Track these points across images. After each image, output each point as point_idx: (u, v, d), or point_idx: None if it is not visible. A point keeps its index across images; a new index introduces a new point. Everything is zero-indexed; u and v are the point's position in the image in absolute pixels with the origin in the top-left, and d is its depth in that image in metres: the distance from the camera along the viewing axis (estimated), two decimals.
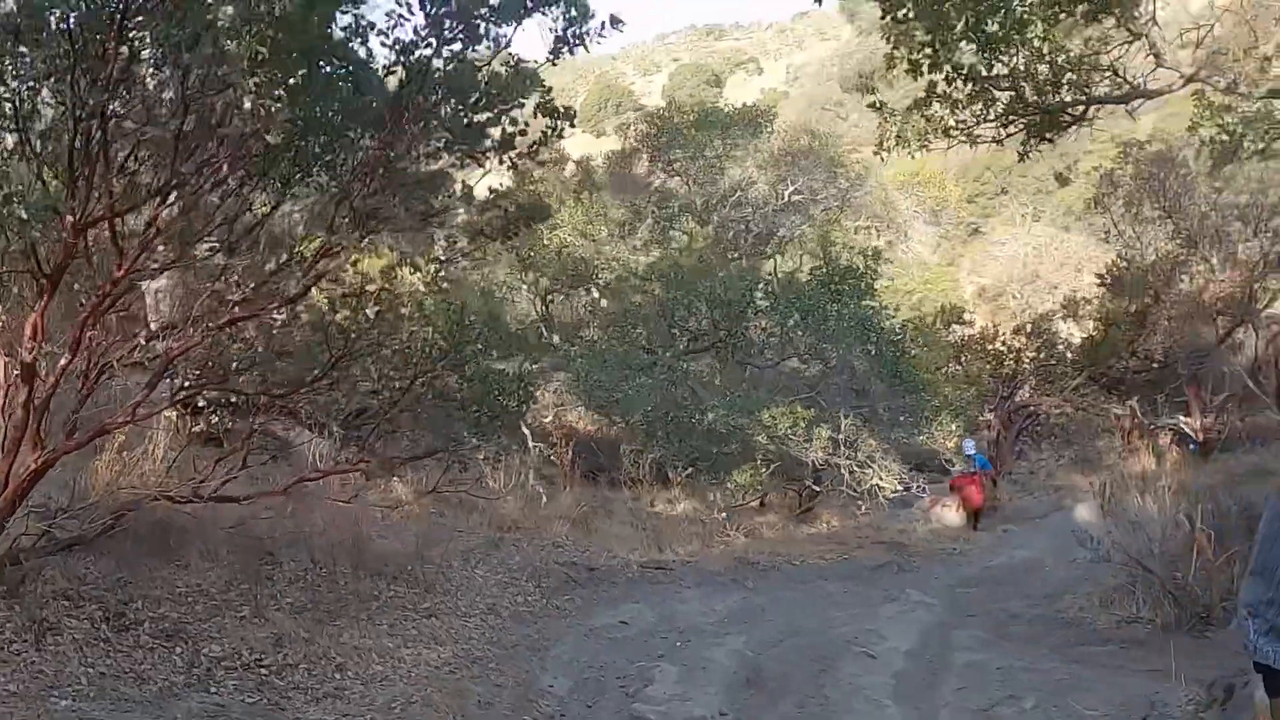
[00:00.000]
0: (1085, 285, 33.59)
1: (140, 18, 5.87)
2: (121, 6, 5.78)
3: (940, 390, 22.39)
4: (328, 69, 6.87)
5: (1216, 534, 9.78)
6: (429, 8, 6.80)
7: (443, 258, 9.03)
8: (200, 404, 8.86)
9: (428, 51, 6.92)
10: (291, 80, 6.20)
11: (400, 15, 6.82)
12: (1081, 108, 13.66)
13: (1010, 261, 47.66)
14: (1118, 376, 24.66)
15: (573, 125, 8.00)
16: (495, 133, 7.65)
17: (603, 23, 7.45)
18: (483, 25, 6.99)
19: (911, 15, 12.33)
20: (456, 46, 7.04)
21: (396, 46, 6.87)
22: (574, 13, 7.17)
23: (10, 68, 5.90)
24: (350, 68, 6.95)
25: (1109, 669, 8.74)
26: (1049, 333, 27.74)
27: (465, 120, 7.43)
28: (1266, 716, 3.92)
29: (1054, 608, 11.83)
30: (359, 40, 6.95)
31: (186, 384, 8.02)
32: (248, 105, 5.94)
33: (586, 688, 8.62)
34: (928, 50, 12.51)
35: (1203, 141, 14.66)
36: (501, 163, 7.91)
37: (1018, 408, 26.45)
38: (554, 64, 7.58)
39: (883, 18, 12.82)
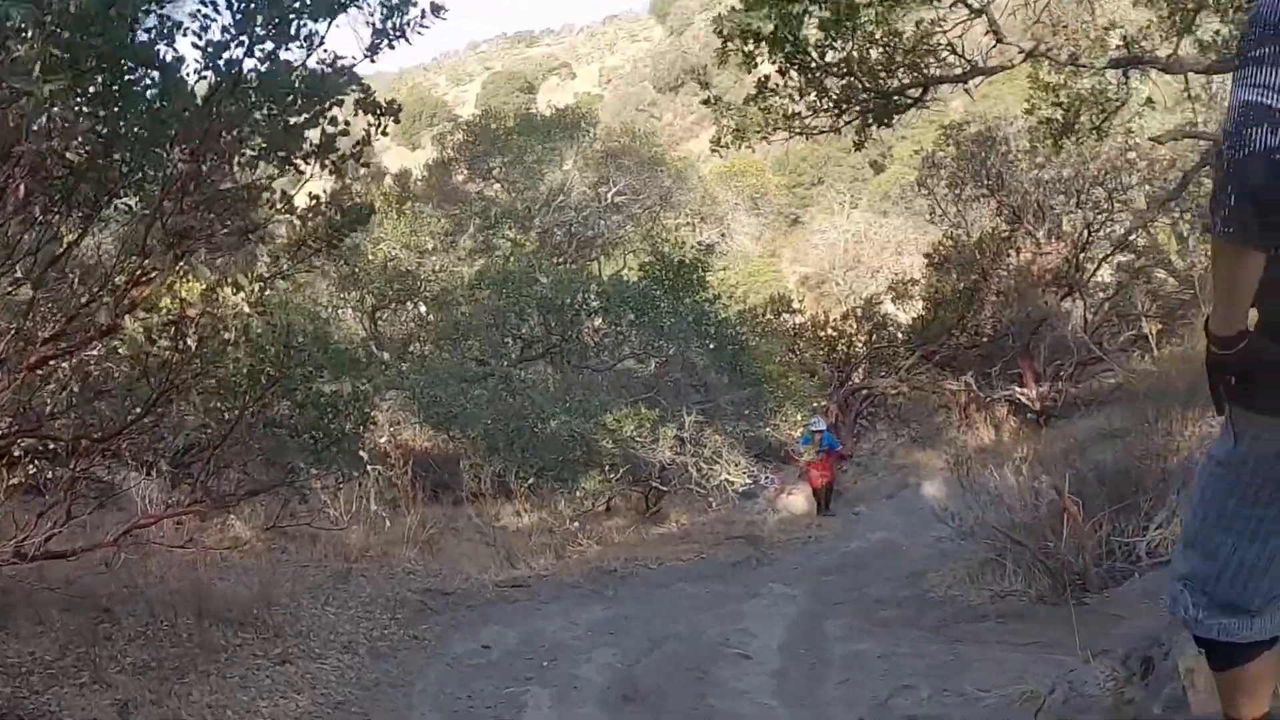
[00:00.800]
0: (907, 267, 34.23)
1: None
2: None
3: (781, 380, 22.41)
4: (132, 75, 6.23)
5: (1079, 499, 9.78)
6: (237, 4, 6.21)
7: (266, 274, 8.48)
8: (16, 454, 8.12)
9: (239, 52, 6.35)
10: (92, 89, 5.62)
11: (207, 15, 6.24)
12: (920, 89, 13.72)
13: (831, 249, 48.34)
14: (950, 353, 25.05)
15: (397, 121, 7.51)
16: (314, 135, 7.12)
17: (423, 10, 6.98)
18: (295, 22, 6.44)
19: None
20: (269, 46, 6.48)
21: (206, 48, 6.28)
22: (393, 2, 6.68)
23: None
24: (158, 73, 6.32)
25: (992, 645, 8.63)
26: (878, 315, 28.11)
27: (281, 124, 6.88)
28: (1210, 689, 3.75)
29: (920, 588, 11.77)
30: (165, 42, 6.31)
31: None
32: (44, 120, 5.34)
33: None
34: (770, 32, 12.40)
35: (1040, 121, 14.89)
36: (323, 167, 7.38)
37: (854, 391, 26.70)
38: (373, 60, 7.08)
39: None
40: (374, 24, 6.86)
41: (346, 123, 7.07)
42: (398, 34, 6.90)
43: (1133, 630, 7.35)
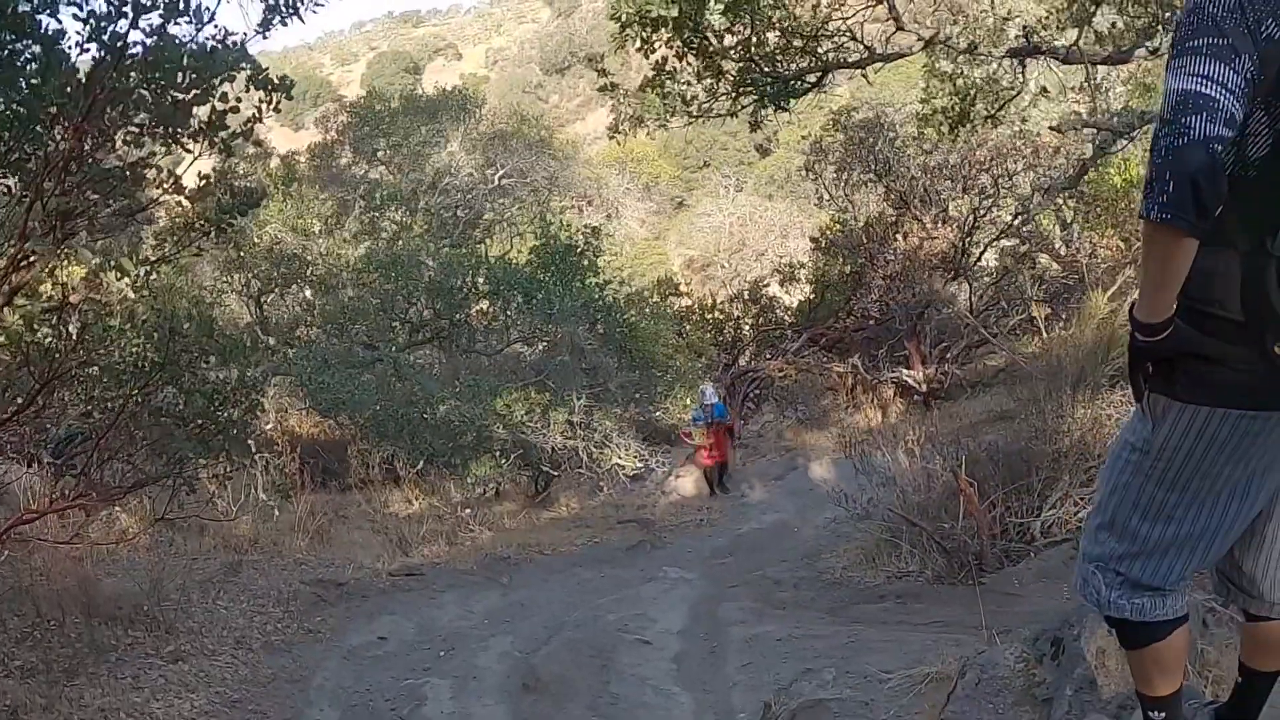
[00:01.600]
0: (792, 250, 34.54)
1: None
2: None
3: (669, 363, 22.46)
4: (11, 48, 5.95)
5: (974, 480, 9.88)
6: None
7: (152, 257, 8.21)
8: None
9: (124, 24, 6.10)
10: None
11: None
12: (818, 74, 13.78)
13: (716, 232, 48.65)
14: (837, 336, 25.26)
15: (290, 98, 7.32)
16: (203, 112, 6.89)
17: None
18: None
19: None
20: (156, 20, 6.24)
21: (90, 20, 6.01)
22: None
23: None
24: (39, 46, 6.03)
25: (891, 626, 8.66)
26: (765, 298, 28.29)
27: (168, 100, 6.63)
28: (1121, 670, 3.92)
29: (816, 569, 11.81)
30: (48, 13, 6.04)
31: None
32: None
33: (356, 715, 8.05)
34: (673, 18, 12.35)
35: (935, 110, 15.06)
36: (212, 146, 7.15)
37: (741, 373, 26.83)
38: (265, 36, 6.90)
39: None
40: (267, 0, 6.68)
41: (237, 99, 6.85)
42: (291, 11, 6.72)
43: (1030, 609, 7.47)
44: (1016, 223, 21.81)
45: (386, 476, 18.39)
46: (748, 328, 27.66)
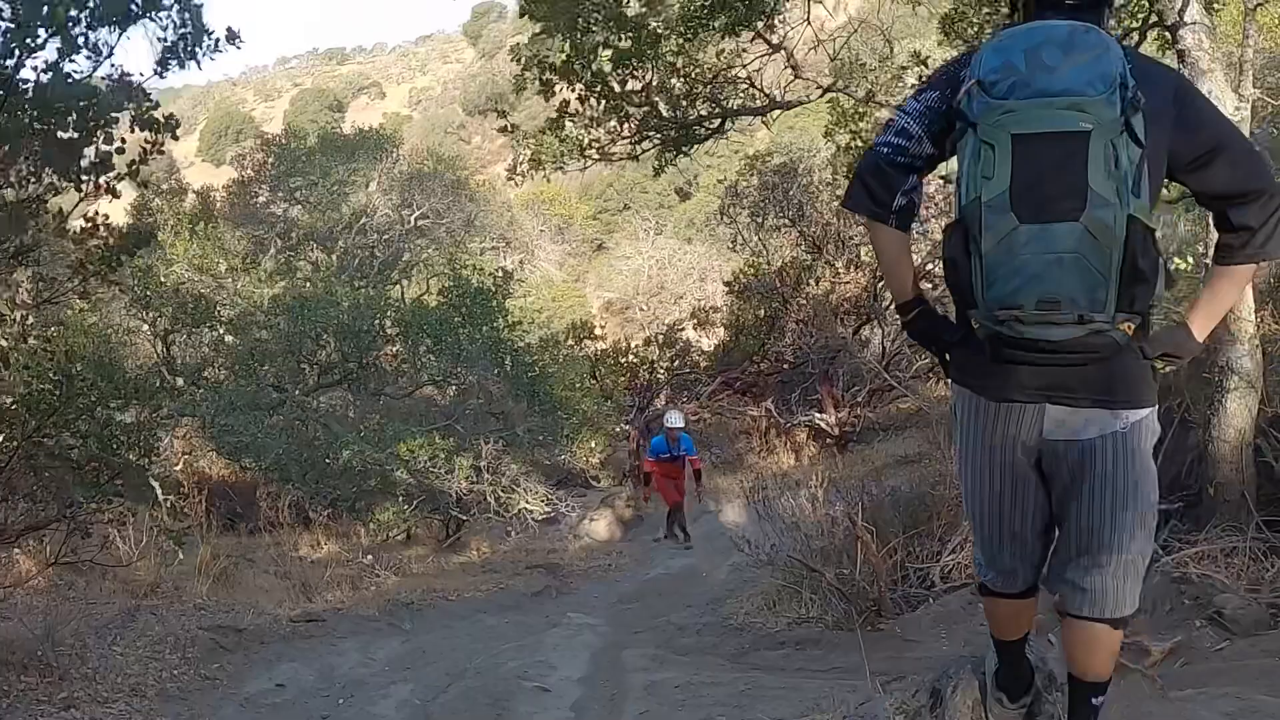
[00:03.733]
0: (710, 293, 34.75)
1: None
2: None
3: (578, 407, 22.40)
4: None
5: (874, 526, 9.96)
6: (16, 11, 5.89)
7: (30, 302, 8.07)
8: None
9: (13, 61, 6.02)
10: None
11: None
12: (718, 120, 13.91)
13: (635, 274, 48.76)
14: (751, 380, 25.41)
15: (175, 137, 7.26)
16: (92, 152, 6.82)
17: (217, 39, 6.78)
18: (81, 32, 6.14)
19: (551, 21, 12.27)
20: (51, 55, 6.17)
21: None
22: (187, 25, 6.43)
23: None
24: None
25: (789, 672, 8.69)
26: (680, 341, 28.41)
27: (55, 139, 6.55)
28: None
29: (720, 615, 11.80)
30: None
31: None
32: None
33: None
34: (562, 63, 12.45)
35: (838, 147, 15.27)
36: (98, 187, 7.07)
37: (655, 417, 26.86)
38: (162, 76, 6.85)
39: (521, 14, 12.74)
40: (165, 41, 6.63)
41: (122, 140, 6.78)
42: (188, 55, 6.67)
43: (925, 655, 7.53)
44: (929, 267, 22.09)
45: (296, 520, 18.12)
46: (663, 371, 27.72)
